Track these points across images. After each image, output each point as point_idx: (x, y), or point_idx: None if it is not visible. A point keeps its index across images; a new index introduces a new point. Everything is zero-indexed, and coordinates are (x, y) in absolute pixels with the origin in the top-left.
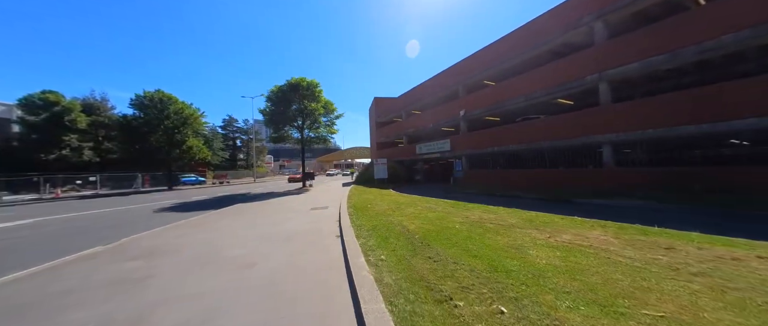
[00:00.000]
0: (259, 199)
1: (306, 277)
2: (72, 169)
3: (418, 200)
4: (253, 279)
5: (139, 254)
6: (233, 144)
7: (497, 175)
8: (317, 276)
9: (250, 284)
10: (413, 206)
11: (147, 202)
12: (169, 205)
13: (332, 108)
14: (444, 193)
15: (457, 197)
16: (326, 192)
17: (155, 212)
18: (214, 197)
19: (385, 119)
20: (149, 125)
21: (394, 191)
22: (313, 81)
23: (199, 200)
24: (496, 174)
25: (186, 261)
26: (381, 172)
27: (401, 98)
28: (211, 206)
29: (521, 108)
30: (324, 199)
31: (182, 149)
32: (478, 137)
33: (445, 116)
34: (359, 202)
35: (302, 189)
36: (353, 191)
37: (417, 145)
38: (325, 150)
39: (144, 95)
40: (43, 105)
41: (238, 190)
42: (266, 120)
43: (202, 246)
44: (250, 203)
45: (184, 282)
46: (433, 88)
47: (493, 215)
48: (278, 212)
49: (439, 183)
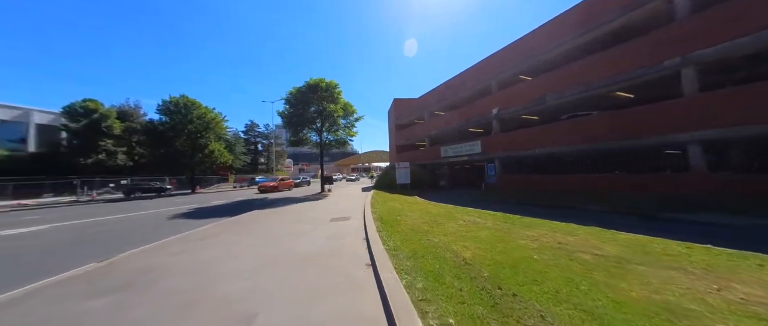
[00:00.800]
0: (277, 205)
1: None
2: (107, 172)
3: (454, 210)
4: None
5: (118, 282)
6: (255, 148)
7: (539, 181)
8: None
9: None
10: (453, 220)
11: (169, 206)
12: (186, 210)
13: (352, 110)
14: (478, 201)
15: (498, 206)
16: (346, 198)
17: (170, 219)
18: (232, 201)
19: (405, 121)
20: (174, 130)
21: (421, 199)
22: (332, 82)
23: (216, 206)
24: (537, 180)
25: (166, 301)
26: (403, 177)
27: (423, 98)
28: (226, 212)
29: (568, 104)
30: (345, 206)
31: (204, 153)
32: (515, 138)
33: (474, 115)
34: (385, 212)
35: (321, 194)
36: (375, 197)
37: (441, 147)
38: (342, 154)
39: (170, 101)
40: (83, 112)
41: (258, 194)
42: (285, 123)
43: (196, 272)
44: (267, 209)
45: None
46: (460, 85)
47: (572, 237)
48: (294, 223)
49: (468, 189)
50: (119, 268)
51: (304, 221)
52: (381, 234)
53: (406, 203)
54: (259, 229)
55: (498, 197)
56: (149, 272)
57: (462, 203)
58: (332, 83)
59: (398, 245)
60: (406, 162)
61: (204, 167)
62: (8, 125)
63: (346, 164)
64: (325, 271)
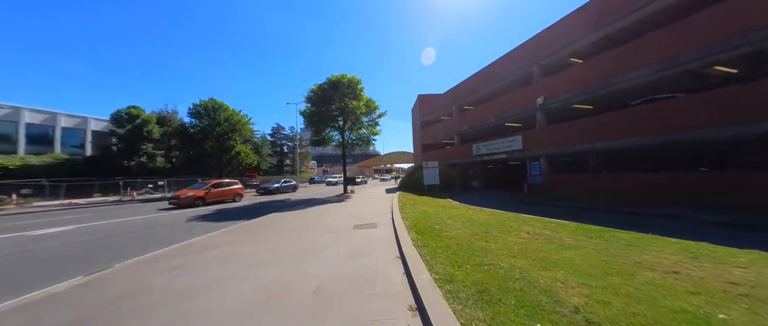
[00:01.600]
0: (297, 207)
1: None
2: (149, 174)
3: (504, 217)
4: None
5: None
6: (281, 150)
7: (599, 181)
8: None
9: None
10: (511, 232)
11: (192, 208)
12: (209, 212)
13: (374, 106)
14: (527, 206)
15: (555, 212)
16: (370, 200)
17: (188, 221)
18: (252, 203)
19: (431, 118)
20: (203, 132)
21: (456, 202)
22: (354, 78)
23: (236, 207)
24: (597, 180)
25: None
26: (432, 177)
27: (451, 92)
28: (243, 215)
29: (643, 86)
30: (369, 210)
31: (231, 155)
32: (568, 130)
33: (511, 108)
34: (418, 218)
35: (343, 196)
36: (402, 199)
37: (473, 145)
38: (365, 156)
39: (199, 104)
40: (128, 118)
41: (280, 196)
42: (306, 122)
43: (178, 304)
44: (286, 212)
45: None
46: (493, 75)
47: (747, 270)
48: (312, 231)
49: (505, 191)
50: (96, 289)
51: (323, 228)
52: (421, 251)
53: (441, 208)
54: (270, 238)
55: (547, 200)
56: (126, 298)
57: (506, 207)
58: (354, 78)
59: (451, 272)
60: (434, 161)
61: (231, 168)
62: (70, 131)
63: (369, 165)
64: (347, 322)
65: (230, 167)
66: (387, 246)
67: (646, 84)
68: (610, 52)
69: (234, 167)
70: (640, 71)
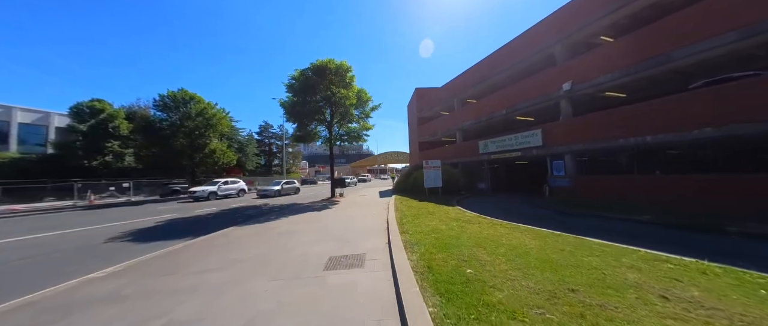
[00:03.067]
0: (269, 217)
1: None
2: (115, 175)
3: (566, 245)
4: None
5: None
6: (269, 150)
7: (647, 184)
8: None
9: None
10: (583, 271)
11: (145, 215)
12: (155, 223)
13: (366, 97)
14: (562, 216)
15: (620, 229)
16: (361, 207)
17: (121, 238)
18: (220, 210)
19: (429, 114)
20: (172, 128)
21: (470, 212)
22: (343, 63)
23: (196, 217)
24: (645, 183)
25: None
26: (433, 179)
27: (452, 83)
28: (193, 230)
29: (709, 61)
30: (357, 224)
31: (205, 153)
32: (601, 122)
33: (528, 96)
34: (430, 247)
35: (329, 201)
36: (401, 207)
37: (480, 142)
38: (358, 156)
39: (167, 95)
40: (90, 112)
41: (260, 200)
42: (287, 114)
43: None
44: (248, 226)
45: None
46: (505, 61)
47: None
48: (256, 274)
49: (521, 194)
50: None
51: (277, 267)
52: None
53: (454, 222)
54: (189, 290)
55: (584, 208)
56: None
57: (536, 219)
58: (343, 64)
59: None
60: (436, 160)
61: (205, 168)
62: (29, 127)
63: (362, 165)
64: None
65: (204, 167)
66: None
67: (712, 60)
68: (666, 20)
69: (208, 166)
70: (709, 42)
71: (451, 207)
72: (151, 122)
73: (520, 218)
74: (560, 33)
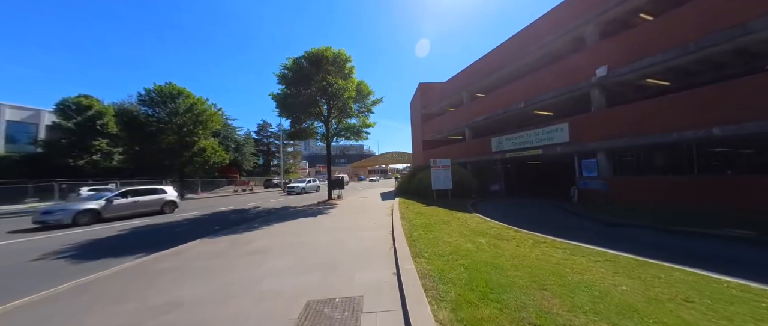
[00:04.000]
0: (252, 225)
1: None
2: (104, 174)
3: (641, 269)
4: None
5: None
6: (267, 149)
7: (708, 187)
8: None
9: None
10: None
11: (121, 220)
12: (118, 232)
13: (367, 90)
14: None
15: (707, 251)
16: (360, 213)
17: (65, 254)
18: (203, 215)
19: (434, 110)
20: (159, 124)
21: (493, 222)
22: (341, 52)
23: (166, 224)
24: (709, 184)
25: None
26: (442, 180)
27: (460, 76)
28: (154, 243)
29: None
30: (356, 234)
31: (193, 151)
32: (646, 113)
33: (552, 86)
34: (464, 282)
35: (326, 204)
36: (407, 215)
37: (492, 139)
38: (359, 156)
39: (154, 89)
40: (77, 109)
41: (251, 201)
42: (279, 108)
43: None
44: (220, 238)
45: None
46: (521, 48)
47: None
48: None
49: (540, 198)
50: None
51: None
52: None
53: (482, 237)
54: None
55: (627, 214)
56: None
57: (574, 232)
58: (342, 53)
59: None
60: (445, 159)
61: (194, 168)
62: (18, 125)
63: (363, 166)
64: None
65: (192, 166)
66: None
67: None
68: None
69: (198, 166)
70: None
71: (468, 214)
72: (135, 118)
73: (557, 230)
74: (592, 10)
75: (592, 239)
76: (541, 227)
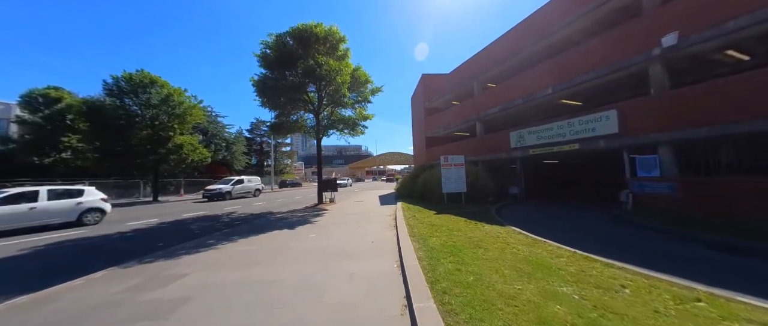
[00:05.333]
0: (203, 244)
1: None
2: (75, 174)
3: None
4: None
5: None
6: (260, 149)
7: None
8: None
9: None
10: None
11: (49, 232)
12: (58, 241)
13: (365, 78)
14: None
15: None
16: (356, 225)
17: None
18: (158, 225)
19: (439, 103)
20: (127, 117)
21: (553, 244)
22: (333, 29)
23: (84, 239)
24: None
25: None
26: (455, 181)
27: (469, 64)
28: (29, 276)
29: None
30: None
31: (168, 148)
32: (739, 91)
33: (590, 65)
34: None
35: (315, 209)
36: (415, 223)
37: (511, 133)
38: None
39: (122, 77)
40: (44, 102)
41: (232, 205)
42: (259, 94)
43: None
44: (143, 267)
45: None
46: (553, 20)
47: None
48: None
49: (572, 202)
50: None
51: None
52: None
53: (556, 278)
54: None
55: (734, 229)
56: None
57: (674, 262)
58: (334, 31)
59: None
60: (459, 156)
61: (170, 166)
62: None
63: (361, 167)
64: None
65: (168, 165)
66: None
67: None
68: None
69: (174, 164)
70: None
71: (500, 228)
72: (98, 109)
73: (644, 257)
74: None
75: (746, 285)
76: (624, 254)
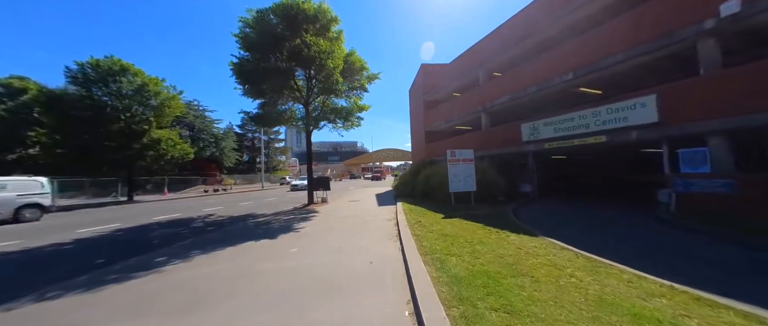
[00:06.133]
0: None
1: None
2: (44, 171)
3: None
4: None
5: None
6: (252, 145)
7: None
8: None
9: None
10: None
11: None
12: None
13: (360, 64)
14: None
15: None
16: (349, 233)
17: None
18: (113, 231)
19: (440, 95)
20: (94, 109)
21: (605, 262)
22: (323, 6)
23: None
24: None
25: None
26: (463, 179)
27: (473, 51)
28: None
29: None
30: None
31: (144, 143)
32: None
33: (624, 45)
34: None
35: (304, 211)
36: (423, 232)
37: (523, 125)
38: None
39: (88, 64)
40: (8, 93)
41: (216, 205)
42: (239, 80)
43: None
44: (31, 308)
45: None
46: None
47: None
48: None
49: (594, 201)
50: None
51: None
52: None
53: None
54: None
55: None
56: None
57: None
58: (324, 9)
59: None
60: (468, 150)
61: (146, 163)
62: None
63: (356, 163)
64: None
65: (144, 161)
66: None
67: None
68: None
69: (150, 160)
70: None
71: (532, 239)
72: (58, 99)
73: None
74: None
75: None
76: (736, 284)
